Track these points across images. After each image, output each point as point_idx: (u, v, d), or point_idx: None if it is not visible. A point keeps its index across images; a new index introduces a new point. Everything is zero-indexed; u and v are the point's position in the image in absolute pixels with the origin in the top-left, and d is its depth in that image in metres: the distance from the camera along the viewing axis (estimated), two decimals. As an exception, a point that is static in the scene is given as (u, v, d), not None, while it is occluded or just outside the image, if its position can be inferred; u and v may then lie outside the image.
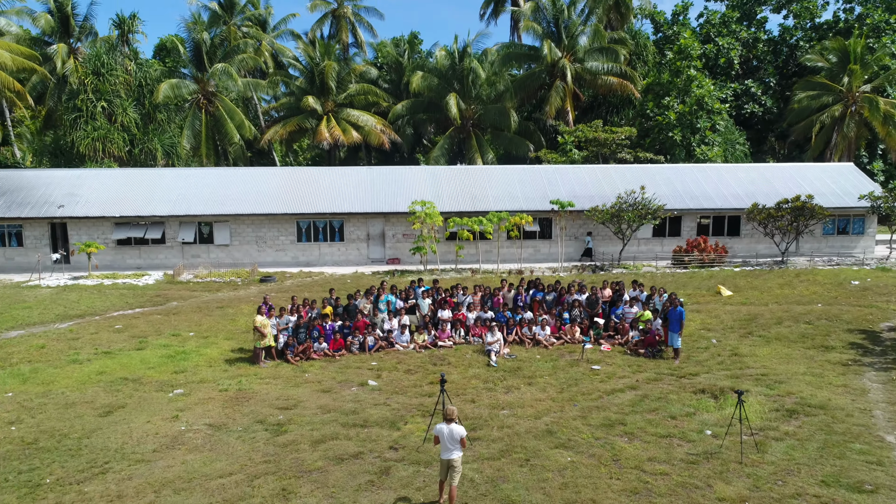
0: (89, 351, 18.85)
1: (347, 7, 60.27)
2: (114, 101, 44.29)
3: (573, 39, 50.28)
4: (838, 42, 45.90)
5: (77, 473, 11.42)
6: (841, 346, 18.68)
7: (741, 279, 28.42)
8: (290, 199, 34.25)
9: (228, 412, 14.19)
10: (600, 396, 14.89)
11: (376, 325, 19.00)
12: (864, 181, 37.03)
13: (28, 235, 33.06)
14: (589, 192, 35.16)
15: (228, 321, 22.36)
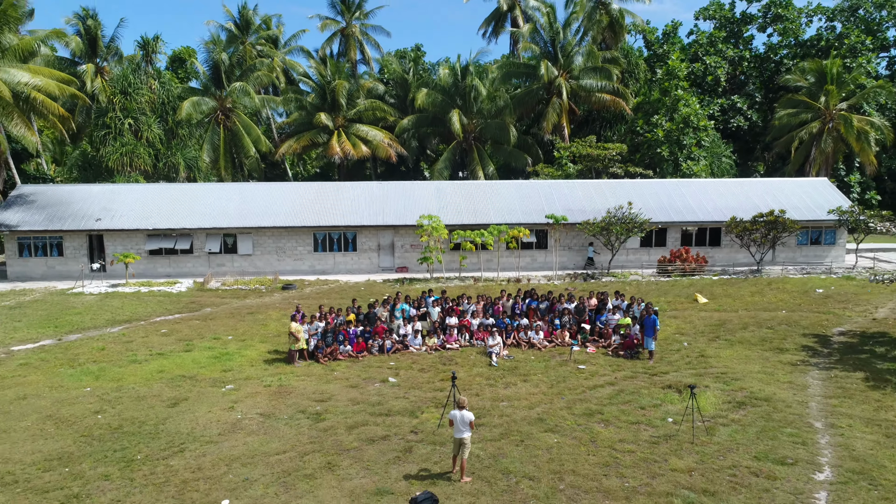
0: (145, 353, 21.57)
1: (356, 26, 63.10)
2: (139, 118, 47.00)
3: (569, 59, 52.99)
4: (816, 63, 48.61)
5: (160, 452, 14.14)
6: (794, 348, 21.40)
7: (718, 287, 31.15)
8: (308, 213, 36.97)
9: (274, 404, 16.90)
10: (584, 391, 17.61)
11: (393, 330, 21.72)
12: (836, 195, 39.76)
13: (68, 246, 35.78)
14: (582, 206, 37.87)
15: (260, 326, 25.08)
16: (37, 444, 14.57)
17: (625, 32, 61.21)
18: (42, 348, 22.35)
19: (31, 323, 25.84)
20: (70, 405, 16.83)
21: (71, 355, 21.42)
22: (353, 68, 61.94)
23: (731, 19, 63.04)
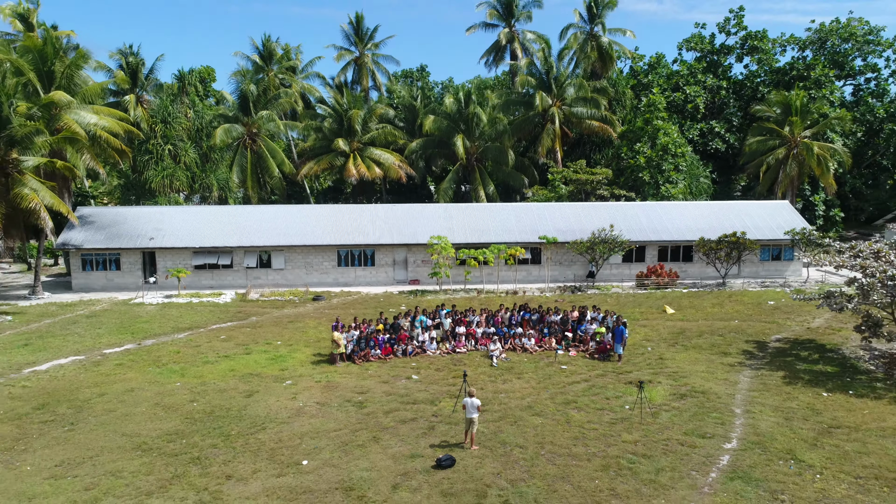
0: (213, 355, 26.28)
1: (367, 55, 67.88)
2: (178, 144, 51.76)
3: (562, 89, 57.72)
4: (782, 96, 53.29)
5: (248, 429, 18.84)
6: (736, 352, 26.09)
7: (685, 299, 35.85)
8: (332, 232, 41.69)
9: (326, 395, 21.60)
10: (564, 386, 22.30)
11: (413, 337, 26.42)
12: (795, 217, 44.47)
13: (124, 261, 40.49)
14: (570, 226, 42.56)
15: (301, 333, 29.77)
16: (154, 424, 19.29)
17: (614, 62, 66.02)
18: (128, 352, 27.06)
19: (109, 330, 30.55)
20: (169, 396, 21.55)
21: (153, 357, 26.13)
22: (365, 95, 66.62)
23: (711, 50, 67.80)
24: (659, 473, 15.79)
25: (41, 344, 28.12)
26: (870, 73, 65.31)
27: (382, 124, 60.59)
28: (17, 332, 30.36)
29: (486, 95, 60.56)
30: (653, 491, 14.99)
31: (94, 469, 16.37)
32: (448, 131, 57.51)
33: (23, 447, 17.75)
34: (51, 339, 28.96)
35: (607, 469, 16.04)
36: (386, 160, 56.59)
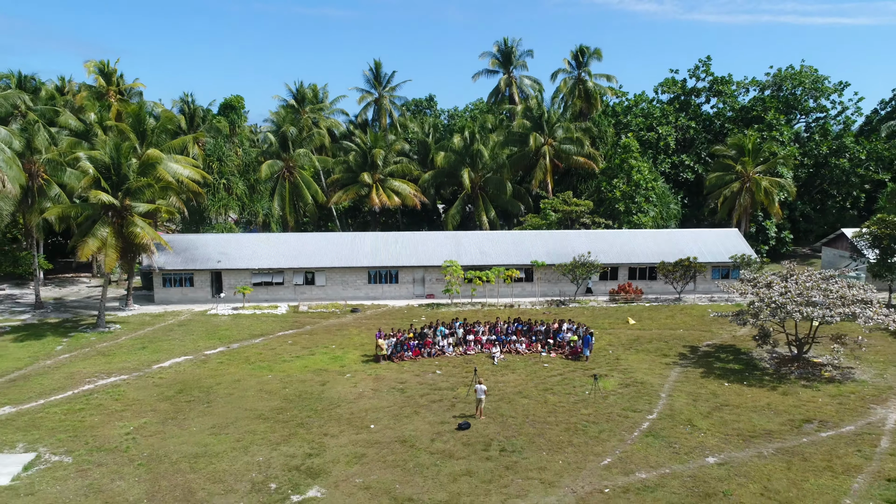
0: (287, 355, 34.42)
1: (385, 96, 76.21)
2: (230, 178, 59.96)
3: (552, 129, 65.89)
4: (737, 139, 61.36)
5: (328, 407, 26.97)
6: (673, 354, 34.20)
7: (646, 312, 43.98)
8: (364, 256, 49.83)
9: (376, 384, 29.73)
10: (545, 378, 30.42)
11: (435, 343, 34.56)
12: (741, 243, 52.55)
13: (197, 279, 48.66)
14: (557, 251, 50.62)
15: (349, 339, 37.89)
16: (263, 402, 27.45)
17: (598, 103, 74.31)
18: (223, 352, 35.23)
19: (201, 336, 38.72)
20: (266, 384, 29.71)
21: (243, 357, 34.30)
22: (384, 132, 74.83)
23: (683, 92, 75.96)
24: (601, 433, 23.94)
25: (155, 347, 36.30)
26: (819, 112, 73.41)
27: (400, 157, 68.82)
28: (131, 337, 38.55)
29: (488, 136, 68.67)
30: (596, 443, 23.13)
31: (236, 430, 24.55)
32: (456, 164, 65.68)
33: (182, 417, 25.94)
34: (160, 343, 37.14)
35: (569, 430, 24.19)
36: (403, 190, 64.76)
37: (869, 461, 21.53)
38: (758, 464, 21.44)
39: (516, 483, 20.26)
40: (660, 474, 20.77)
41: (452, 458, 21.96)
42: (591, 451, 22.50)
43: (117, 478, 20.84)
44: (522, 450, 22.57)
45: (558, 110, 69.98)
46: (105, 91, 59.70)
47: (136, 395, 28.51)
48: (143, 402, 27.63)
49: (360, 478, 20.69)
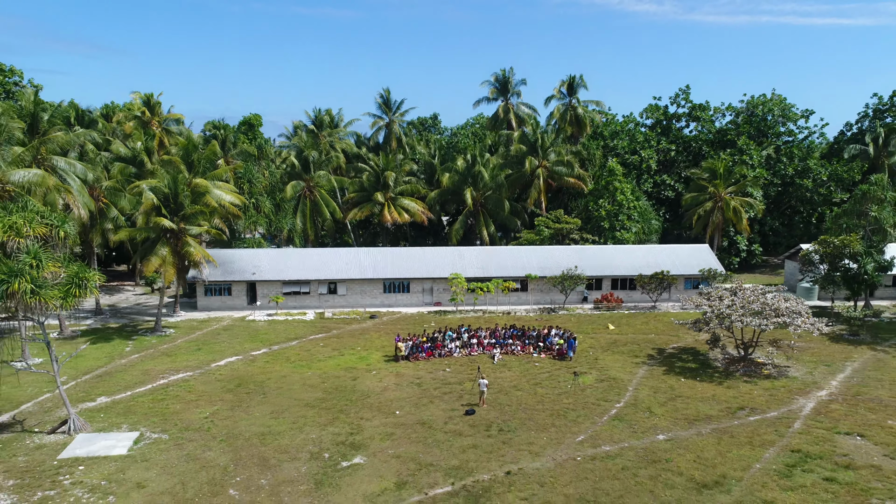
0: (321, 356, 40.29)
1: (395, 121, 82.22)
2: (259, 198, 65.85)
3: (546, 153, 71.82)
4: (710, 163, 67.28)
5: (360, 397, 32.86)
6: (643, 355, 40.07)
7: (624, 319, 49.86)
8: (380, 268, 55.71)
9: (397, 379, 35.61)
10: (535, 375, 36.30)
11: (444, 345, 40.43)
12: (711, 257, 58.41)
13: (234, 289, 54.50)
14: (548, 264, 56.48)
15: (371, 342, 43.75)
16: (308, 394, 33.33)
17: (588, 126, 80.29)
18: (266, 353, 41.10)
19: (245, 339, 44.58)
20: (308, 380, 35.60)
21: (285, 357, 40.18)
22: (393, 154, 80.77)
23: (665, 117, 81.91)
24: (578, 417, 29.84)
25: (209, 348, 42.19)
26: (787, 136, 79.35)
27: (409, 177, 74.76)
28: (185, 340, 44.43)
29: (488, 157, 74.60)
30: (573, 424, 29.01)
31: (290, 415, 30.44)
32: (459, 184, 71.62)
33: (245, 405, 31.83)
34: (211, 345, 43.03)
35: (552, 415, 30.08)
36: (412, 208, 70.66)
37: (782, 437, 27.42)
38: (696, 440, 27.33)
39: (511, 454, 26.14)
40: (620, 447, 26.66)
41: (461, 436, 27.85)
42: (569, 430, 28.40)
43: (206, 450, 26.73)
44: (516, 430, 28.45)
45: (552, 135, 75.89)
46: (148, 120, 65.62)
47: (203, 388, 34.41)
48: (211, 393, 33.54)
49: (392, 450, 26.58)
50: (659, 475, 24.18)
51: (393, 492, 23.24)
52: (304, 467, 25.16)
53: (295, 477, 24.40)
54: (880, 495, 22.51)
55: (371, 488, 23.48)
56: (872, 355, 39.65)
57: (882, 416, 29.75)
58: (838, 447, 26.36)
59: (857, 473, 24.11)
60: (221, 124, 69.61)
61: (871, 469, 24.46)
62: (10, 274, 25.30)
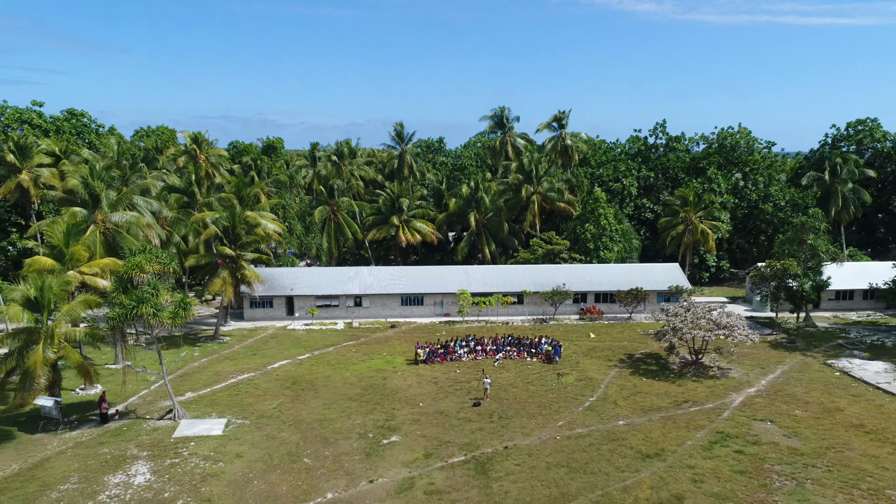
0: (355, 359, 48.24)
1: (408, 150, 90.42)
2: (291, 222, 73.90)
3: (540, 181, 79.81)
4: (682, 192, 75.19)
5: (391, 393, 40.80)
6: (615, 359, 47.99)
7: (603, 329, 57.79)
8: (398, 285, 63.66)
9: (418, 379, 43.58)
10: (528, 376, 44.24)
11: (455, 351, 48.40)
12: (680, 275, 66.30)
13: (275, 303, 62.50)
14: (541, 281, 64.36)
15: (394, 348, 51.66)
16: (349, 390, 41.31)
17: (576, 155, 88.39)
18: (310, 357, 49.06)
19: (290, 346, 52.54)
20: (348, 379, 43.56)
21: (326, 360, 48.14)
22: (406, 181, 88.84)
23: (645, 147, 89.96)
24: (559, 408, 37.79)
25: (261, 354, 50.17)
26: (752, 165, 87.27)
27: (420, 201, 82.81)
28: (241, 346, 52.40)
29: (489, 184, 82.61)
30: (556, 413, 36.95)
31: (338, 406, 38.40)
32: (464, 208, 79.64)
33: (302, 399, 39.80)
34: (263, 351, 51.00)
35: (540, 406, 38.03)
36: (423, 229, 78.70)
37: (711, 423, 35.34)
38: (647, 424, 35.27)
39: (508, 434, 34.09)
40: (589, 430, 34.61)
41: (470, 422, 35.81)
42: (552, 417, 36.35)
43: (280, 431, 34.73)
44: (512, 417, 36.39)
45: (545, 164, 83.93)
46: (196, 154, 73.72)
47: (266, 385, 42.42)
48: (273, 390, 41.55)
49: (419, 431, 34.54)
50: (616, 449, 32.15)
51: (422, 460, 31.23)
52: (355, 444, 33.15)
53: (349, 450, 32.41)
54: (771, 462, 30.47)
55: (406, 458, 31.48)
56: (801, 359, 47.57)
57: (792, 407, 37.70)
58: (751, 430, 34.32)
59: (759, 448, 32.07)
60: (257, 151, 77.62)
61: (771, 445, 32.43)
62: (138, 301, 33.36)
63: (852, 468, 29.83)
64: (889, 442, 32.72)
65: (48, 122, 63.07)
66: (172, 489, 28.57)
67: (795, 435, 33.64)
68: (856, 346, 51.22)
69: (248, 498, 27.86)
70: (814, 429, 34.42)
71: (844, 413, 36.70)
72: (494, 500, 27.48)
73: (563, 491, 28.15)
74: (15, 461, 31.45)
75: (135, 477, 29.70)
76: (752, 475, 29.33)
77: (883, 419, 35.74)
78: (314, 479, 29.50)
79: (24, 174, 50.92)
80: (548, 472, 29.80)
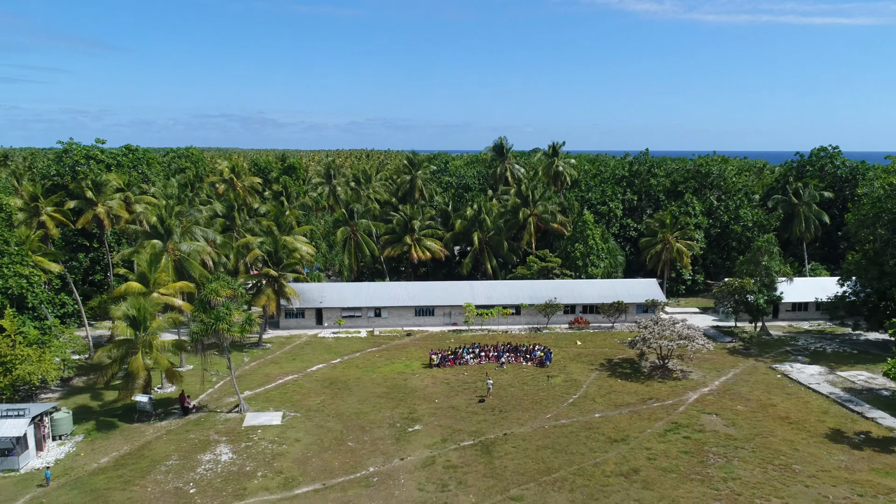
0: (379, 364, 56.07)
1: (419, 176, 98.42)
2: (318, 241, 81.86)
3: (535, 205, 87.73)
4: (659, 215, 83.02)
5: (411, 392, 48.66)
6: (597, 363, 55.77)
7: (588, 337, 65.58)
8: (412, 298, 71.53)
9: (433, 380, 51.42)
10: (523, 377, 52.00)
11: (463, 357, 56.22)
12: (656, 290, 74.05)
13: (306, 313, 70.32)
14: (536, 295, 72.14)
15: (409, 353, 59.46)
16: (378, 389, 49.18)
17: (566, 180, 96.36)
18: (341, 362, 56.91)
19: (323, 352, 60.38)
20: (376, 379, 51.42)
21: (354, 364, 56.00)
22: (417, 204, 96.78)
23: (630, 173, 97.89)
24: (548, 404, 45.62)
25: (301, 358, 58.01)
26: (725, 190, 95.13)
27: (429, 221, 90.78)
28: (282, 352, 60.25)
29: (491, 206, 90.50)
30: (545, 408, 44.77)
31: (370, 402, 46.24)
32: (468, 228, 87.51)
33: (340, 396, 47.67)
34: (302, 356, 58.85)
35: (533, 402, 45.85)
36: (433, 247, 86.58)
37: (669, 415, 43.13)
38: (617, 417, 43.07)
39: (507, 424, 41.90)
40: (571, 421, 42.42)
41: (476, 414, 43.63)
42: (542, 411, 44.16)
43: (326, 421, 42.58)
44: (510, 411, 44.21)
45: (540, 189, 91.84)
46: (234, 182, 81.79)
47: (309, 385, 50.29)
48: (315, 389, 49.41)
49: (437, 422, 42.38)
50: (591, 435, 39.98)
51: (440, 443, 39.07)
52: (386, 431, 41.01)
53: (382, 436, 40.27)
54: (710, 445, 38.29)
55: (427, 442, 39.32)
56: (752, 364, 55.34)
57: (735, 403, 45.49)
58: (699, 421, 42.13)
59: (703, 434, 39.88)
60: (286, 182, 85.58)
61: (712, 432, 40.23)
62: (216, 319, 41.30)
63: (771, 449, 37.65)
64: (805, 430, 40.53)
65: (110, 157, 70.99)
66: (251, 464, 36.46)
67: (733, 425, 41.45)
68: (800, 352, 58.99)
69: (310, 470, 35.75)
70: (749, 420, 42.23)
71: (776, 408, 44.51)
72: (496, 472, 35.34)
73: (548, 466, 35.98)
74: (124, 444, 39.38)
75: (221, 456, 37.60)
76: (693, 454, 37.15)
77: (806, 413, 43.55)
78: (358, 457, 37.36)
79: (99, 207, 58.84)
80: (537, 452, 37.63)
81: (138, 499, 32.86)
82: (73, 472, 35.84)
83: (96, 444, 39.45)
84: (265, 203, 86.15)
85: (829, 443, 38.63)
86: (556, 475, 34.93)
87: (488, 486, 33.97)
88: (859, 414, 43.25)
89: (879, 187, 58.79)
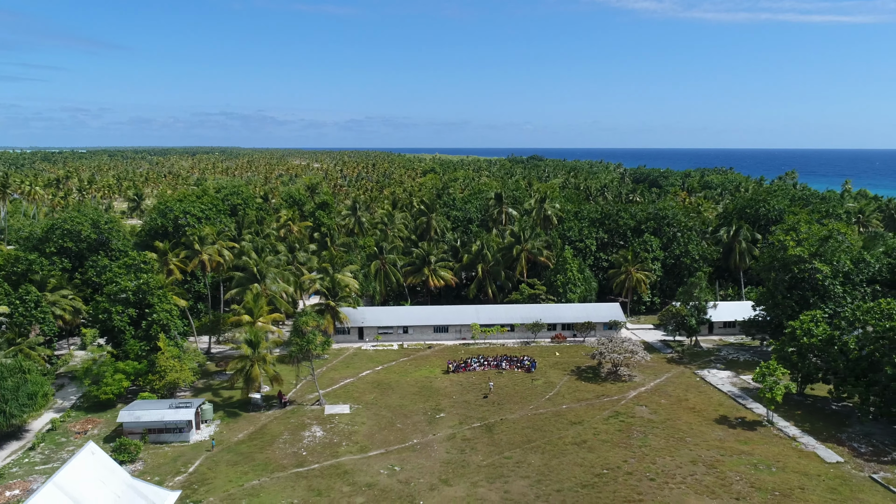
0: (411, 370, 72.42)
1: (433, 217, 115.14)
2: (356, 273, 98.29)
3: (527, 242, 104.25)
4: (623, 252, 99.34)
5: (437, 391, 65.04)
6: (568, 370, 71.99)
7: (565, 350, 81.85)
8: (431, 318, 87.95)
9: (451, 382, 67.75)
10: (515, 380, 68.30)
11: (471, 365, 72.53)
12: (618, 311, 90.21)
13: (350, 331, 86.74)
14: (527, 315, 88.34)
15: (432, 362, 75.70)
16: (411, 389, 65.55)
17: (553, 220, 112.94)
18: (382, 369, 73.28)
19: (367, 361, 76.71)
20: (409, 383, 67.81)
21: (392, 371, 72.37)
22: (432, 240, 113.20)
23: (602, 214, 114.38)
24: (533, 398, 61.96)
25: (353, 366, 74.38)
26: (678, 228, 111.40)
27: (442, 254, 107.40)
28: (337, 361, 76.63)
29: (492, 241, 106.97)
30: (529, 402, 61.09)
31: (409, 399, 62.65)
32: (474, 260, 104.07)
33: (386, 394, 64.08)
34: (353, 364, 75.21)
35: (521, 398, 62.19)
36: (445, 276, 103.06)
37: (614, 406, 59.39)
38: (578, 407, 59.33)
39: (503, 413, 58.19)
40: (547, 410, 58.70)
41: (482, 406, 59.95)
42: (527, 404, 60.45)
43: (380, 411, 58.98)
44: (505, 404, 60.49)
45: (529, 230, 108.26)
46: (291, 227, 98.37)
47: (363, 386, 66.71)
48: (368, 389, 65.81)
49: (455, 411, 58.70)
50: (558, 420, 56.29)
51: (458, 425, 55.44)
52: (421, 417, 57.39)
53: (419, 420, 56.66)
54: (636, 425, 54.61)
55: (449, 423, 55.71)
56: (681, 370, 71.55)
57: (660, 398, 61.74)
58: (632, 411, 58.41)
59: (633, 419, 56.18)
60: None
61: (640, 418, 56.52)
62: (307, 342, 57.86)
63: (675, 428, 53.92)
64: (702, 416, 56.78)
65: (201, 212, 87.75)
66: (337, 438, 52.89)
67: (654, 413, 57.71)
68: (720, 361, 75.23)
69: (376, 441, 52.16)
70: (666, 409, 58.48)
71: (688, 401, 60.74)
72: (495, 442, 51.68)
73: (529, 438, 52.32)
74: (249, 426, 55.86)
75: (315, 433, 54.03)
76: (623, 432, 53.44)
77: (707, 404, 59.79)
78: (405, 434, 53.74)
79: (203, 255, 75.53)
80: (522, 430, 53.97)
81: (273, 458, 49.33)
82: (223, 443, 52.33)
83: (231, 425, 55.94)
84: (313, 242, 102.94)
85: (714, 424, 54.88)
86: (534, 444, 51.26)
87: (490, 450, 50.28)
88: (742, 405, 59.48)
89: (774, 240, 75.13)
